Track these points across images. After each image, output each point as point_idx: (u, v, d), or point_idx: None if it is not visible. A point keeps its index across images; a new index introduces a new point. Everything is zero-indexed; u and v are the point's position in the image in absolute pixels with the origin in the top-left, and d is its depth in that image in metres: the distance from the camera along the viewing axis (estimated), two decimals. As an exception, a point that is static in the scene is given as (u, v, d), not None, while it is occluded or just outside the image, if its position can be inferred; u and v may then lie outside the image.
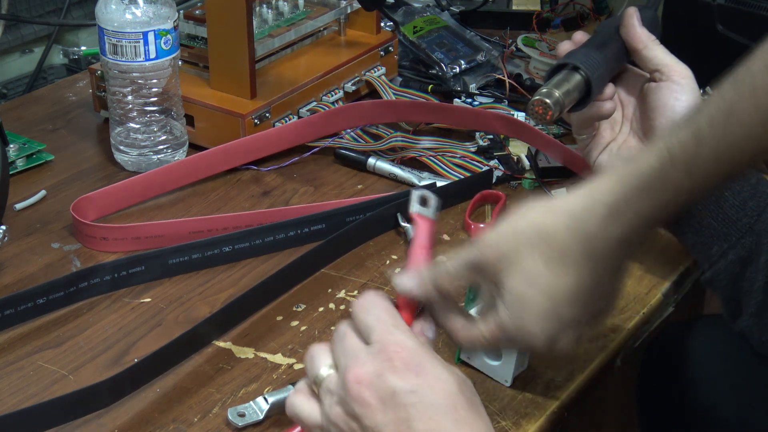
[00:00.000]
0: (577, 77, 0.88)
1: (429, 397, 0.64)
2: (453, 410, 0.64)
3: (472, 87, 1.23)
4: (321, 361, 0.69)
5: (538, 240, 0.68)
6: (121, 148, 1.10)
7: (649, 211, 0.67)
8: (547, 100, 0.86)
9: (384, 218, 1.01)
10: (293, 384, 0.79)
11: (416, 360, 0.65)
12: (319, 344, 0.71)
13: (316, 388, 0.69)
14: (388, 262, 0.98)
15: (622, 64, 0.95)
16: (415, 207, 0.83)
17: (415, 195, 0.83)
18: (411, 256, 0.78)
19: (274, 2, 1.23)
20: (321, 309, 0.91)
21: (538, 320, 0.69)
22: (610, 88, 0.92)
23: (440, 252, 0.80)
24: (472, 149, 1.12)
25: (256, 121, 1.11)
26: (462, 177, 1.08)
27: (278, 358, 0.86)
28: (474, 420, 0.65)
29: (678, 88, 0.91)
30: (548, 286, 0.68)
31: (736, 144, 0.64)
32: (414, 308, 0.73)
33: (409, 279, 0.73)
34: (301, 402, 0.69)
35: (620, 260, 0.70)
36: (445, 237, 1.01)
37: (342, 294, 0.93)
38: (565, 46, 0.94)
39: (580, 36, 0.95)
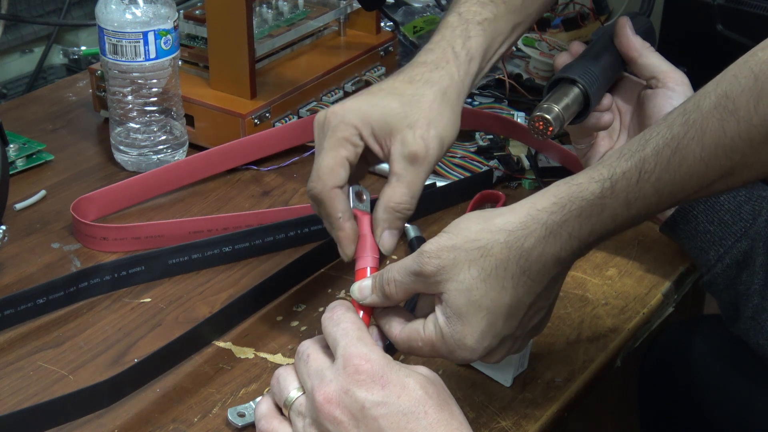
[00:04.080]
0: (575, 91, 0.89)
1: (397, 407, 0.65)
2: (424, 415, 0.65)
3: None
4: (288, 383, 0.71)
5: (476, 255, 0.69)
6: (121, 148, 1.10)
7: (586, 235, 0.68)
8: (548, 116, 0.86)
9: (384, 218, 1.01)
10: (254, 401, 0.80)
11: (380, 371, 0.66)
12: (284, 367, 0.73)
13: (285, 411, 0.70)
14: (388, 262, 0.97)
15: (618, 74, 0.96)
16: (352, 203, 0.83)
17: (351, 191, 0.83)
18: (357, 252, 0.81)
19: (274, 2, 1.23)
20: (321, 309, 0.91)
21: (474, 334, 0.70)
22: (607, 99, 0.93)
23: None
24: (472, 149, 1.12)
25: (256, 121, 1.11)
26: (462, 177, 1.08)
27: (278, 358, 0.86)
28: (447, 420, 0.66)
29: (674, 94, 0.91)
30: (485, 301, 0.69)
31: (677, 181, 0.65)
32: (370, 312, 0.75)
33: (361, 287, 0.75)
34: (277, 427, 0.70)
35: (555, 277, 0.71)
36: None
37: (342, 294, 0.93)
38: (562, 58, 0.94)
39: (577, 47, 0.95)
